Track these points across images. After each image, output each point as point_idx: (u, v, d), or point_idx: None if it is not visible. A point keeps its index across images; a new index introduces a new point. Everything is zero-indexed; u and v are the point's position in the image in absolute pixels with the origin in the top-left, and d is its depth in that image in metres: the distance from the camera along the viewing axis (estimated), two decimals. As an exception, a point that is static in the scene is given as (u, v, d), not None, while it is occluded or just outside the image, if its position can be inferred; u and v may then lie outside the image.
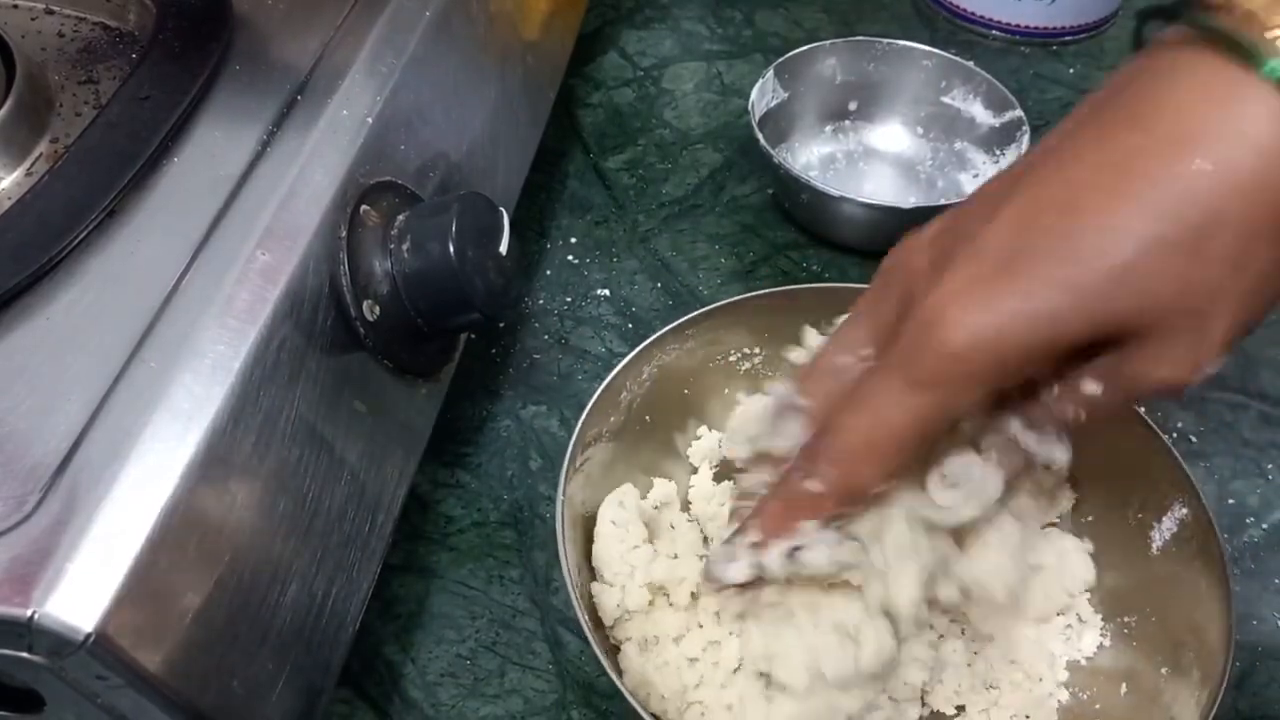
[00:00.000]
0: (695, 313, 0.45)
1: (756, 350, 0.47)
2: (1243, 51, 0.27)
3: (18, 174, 0.40)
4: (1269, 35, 0.26)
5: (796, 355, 0.38)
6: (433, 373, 0.44)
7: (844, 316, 0.35)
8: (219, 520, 0.31)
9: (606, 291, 0.58)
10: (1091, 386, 0.30)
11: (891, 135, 0.66)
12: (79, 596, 0.27)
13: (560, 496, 0.40)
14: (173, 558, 0.29)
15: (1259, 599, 0.47)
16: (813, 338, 0.38)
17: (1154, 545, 0.42)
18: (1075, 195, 0.28)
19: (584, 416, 0.42)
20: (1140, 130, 0.28)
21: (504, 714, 0.43)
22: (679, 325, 0.45)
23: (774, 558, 0.34)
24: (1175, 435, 0.52)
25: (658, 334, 0.45)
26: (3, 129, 0.40)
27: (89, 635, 0.27)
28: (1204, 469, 0.51)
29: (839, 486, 0.32)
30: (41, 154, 0.41)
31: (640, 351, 0.44)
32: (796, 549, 0.34)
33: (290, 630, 0.34)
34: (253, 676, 0.33)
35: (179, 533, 0.30)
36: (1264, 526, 0.49)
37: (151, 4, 0.44)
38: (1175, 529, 0.41)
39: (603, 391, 0.43)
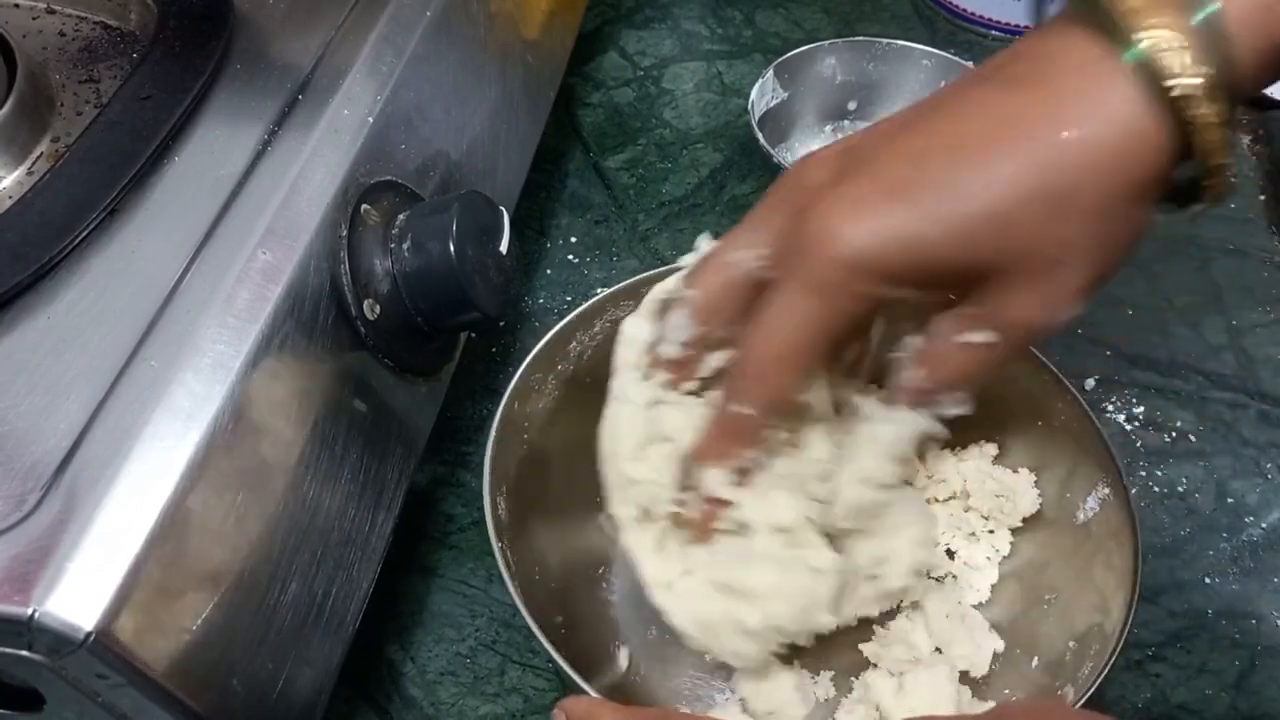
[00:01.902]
0: (652, 271, 0.46)
1: None
2: (1112, 37, 0.29)
3: (19, 173, 0.40)
4: (1134, 26, 0.29)
5: (688, 258, 0.38)
6: (433, 372, 0.44)
7: None
8: (219, 519, 0.31)
9: (606, 291, 0.58)
10: (978, 333, 0.32)
11: (891, 135, 0.66)
12: (79, 595, 0.27)
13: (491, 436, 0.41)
14: (173, 556, 0.30)
15: (1259, 598, 0.47)
16: (707, 243, 0.38)
17: (1076, 524, 0.42)
18: (964, 139, 0.30)
19: (529, 358, 0.43)
20: (1026, 94, 0.30)
21: (504, 712, 0.43)
22: (634, 283, 0.46)
23: (717, 481, 0.36)
24: (1174, 434, 0.52)
25: (612, 289, 0.46)
26: (4, 128, 0.40)
27: (89, 634, 0.27)
28: (1204, 468, 0.51)
29: (763, 402, 0.34)
30: (43, 153, 0.41)
31: (593, 304, 0.45)
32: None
33: (290, 629, 0.34)
34: (253, 675, 0.33)
35: (179, 531, 0.30)
36: (1263, 526, 0.49)
37: (152, 3, 0.44)
38: (1097, 508, 0.41)
39: (551, 338, 0.44)
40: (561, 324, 0.45)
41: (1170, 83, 0.28)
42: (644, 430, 0.38)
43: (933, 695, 0.39)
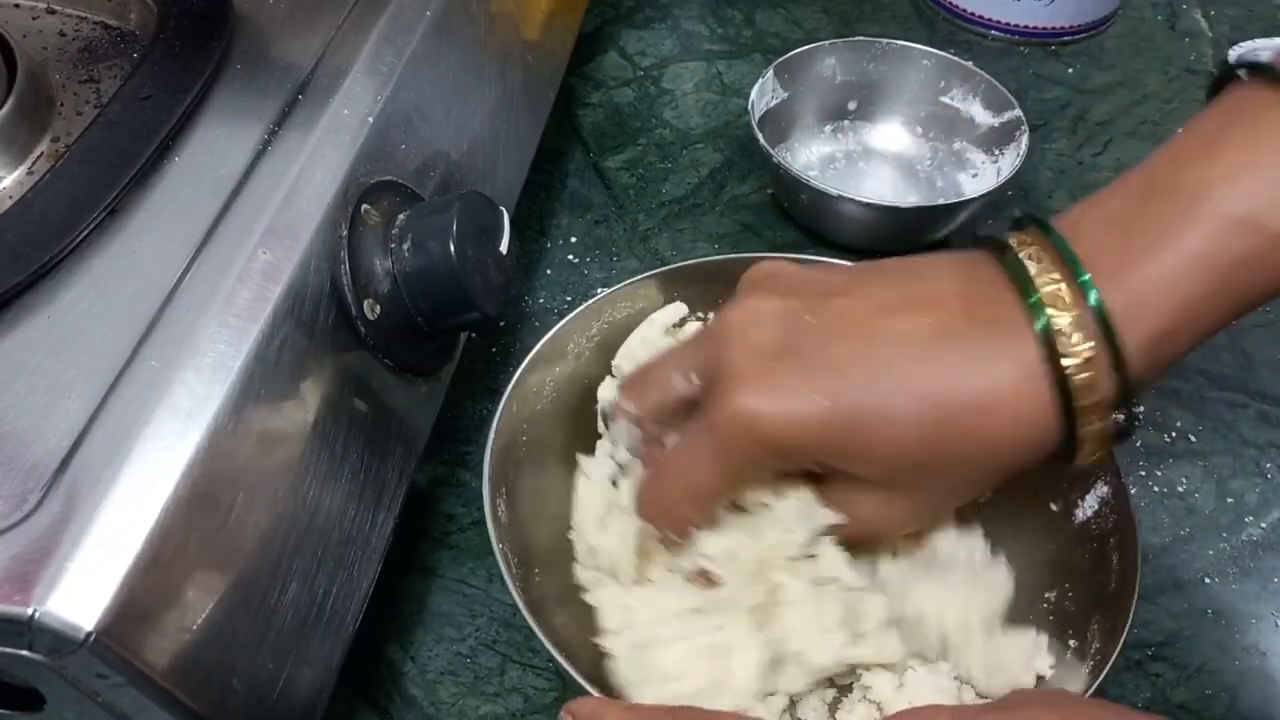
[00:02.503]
0: (651, 272, 0.47)
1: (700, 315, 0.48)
2: (1024, 293, 0.33)
3: (19, 173, 0.40)
4: (1040, 303, 0.33)
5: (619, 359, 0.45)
6: (433, 371, 0.44)
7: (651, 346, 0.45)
8: (220, 519, 0.31)
9: (606, 290, 0.58)
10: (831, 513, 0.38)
11: (891, 135, 0.66)
12: (80, 595, 0.27)
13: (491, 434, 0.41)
14: (174, 556, 0.30)
15: (1258, 598, 0.47)
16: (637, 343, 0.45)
17: (1074, 522, 0.42)
18: (890, 367, 0.34)
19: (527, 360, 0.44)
20: (950, 341, 0.34)
21: (504, 712, 0.43)
22: (633, 283, 0.47)
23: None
24: (1174, 434, 0.52)
25: (611, 290, 0.47)
26: (4, 128, 0.40)
27: (90, 634, 0.27)
28: (1203, 468, 0.51)
29: (670, 527, 0.38)
30: (43, 153, 0.41)
31: (592, 305, 0.46)
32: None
33: (291, 629, 0.34)
34: (253, 675, 0.33)
35: (180, 531, 0.30)
36: (1263, 525, 0.49)
37: (152, 3, 0.44)
38: (1096, 506, 0.41)
39: (549, 340, 0.45)
40: (559, 325, 0.45)
41: (1065, 362, 0.32)
42: (604, 503, 0.42)
43: (934, 694, 0.39)
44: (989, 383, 0.33)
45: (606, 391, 0.43)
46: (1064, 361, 0.32)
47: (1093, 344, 0.32)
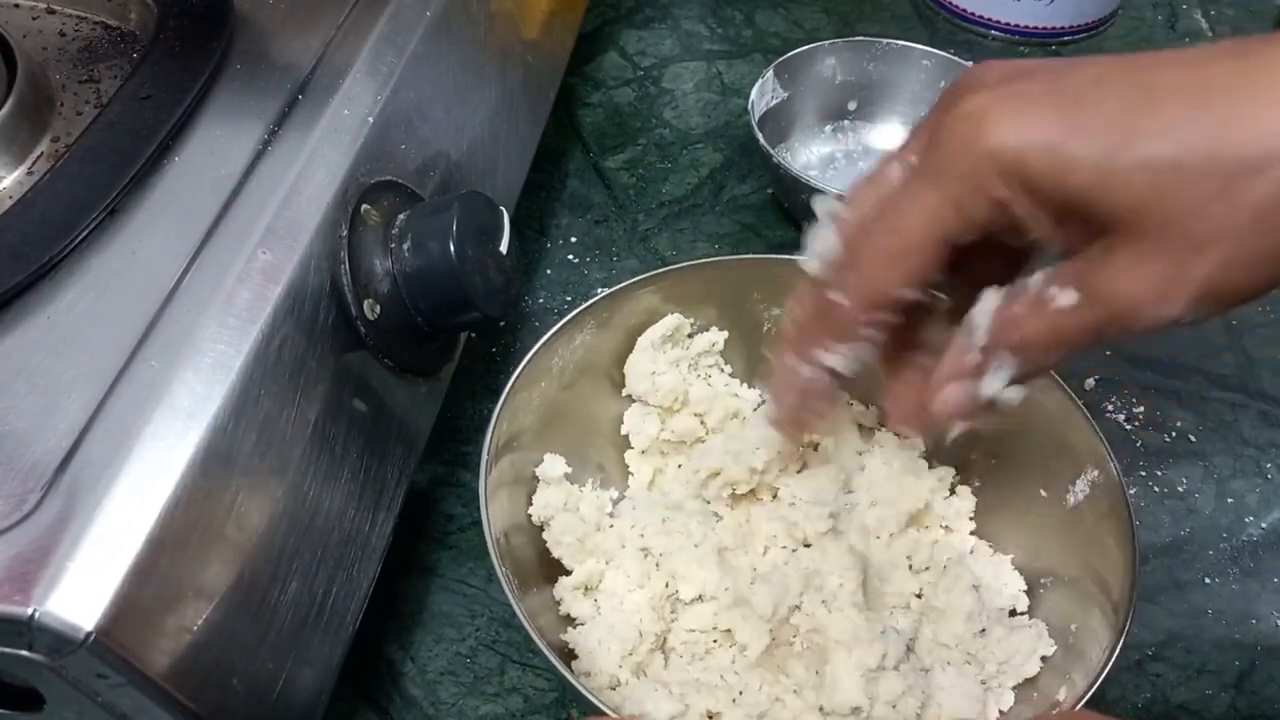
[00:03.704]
0: (646, 274, 0.46)
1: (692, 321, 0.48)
2: None
3: (19, 173, 0.40)
4: None
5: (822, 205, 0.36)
6: (433, 372, 0.44)
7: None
8: (220, 519, 0.31)
9: (606, 290, 0.58)
10: (1063, 292, 0.30)
11: (891, 135, 0.66)
12: (80, 595, 0.27)
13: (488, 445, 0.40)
14: (173, 556, 0.30)
15: (1259, 598, 0.47)
16: (822, 205, 0.36)
17: (1067, 507, 0.42)
18: (1158, 86, 0.28)
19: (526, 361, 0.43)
20: (1236, 65, 0.27)
21: (504, 712, 0.43)
22: (632, 284, 0.46)
23: (809, 371, 0.35)
24: (1174, 434, 0.52)
25: (610, 291, 0.46)
26: (4, 128, 0.40)
27: (89, 634, 0.27)
28: (1203, 468, 0.51)
29: (860, 293, 0.32)
30: (43, 153, 0.41)
31: (591, 307, 0.45)
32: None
33: (291, 628, 0.34)
34: (253, 675, 0.33)
35: (180, 531, 0.30)
36: (1263, 525, 0.49)
37: (153, 3, 0.44)
38: (1088, 491, 0.41)
39: (541, 347, 0.44)
40: (556, 329, 0.44)
41: None
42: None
43: (963, 699, 0.39)
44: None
45: (824, 205, 0.35)
46: None
47: None
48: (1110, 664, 0.36)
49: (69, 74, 0.44)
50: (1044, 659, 0.40)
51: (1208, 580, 0.47)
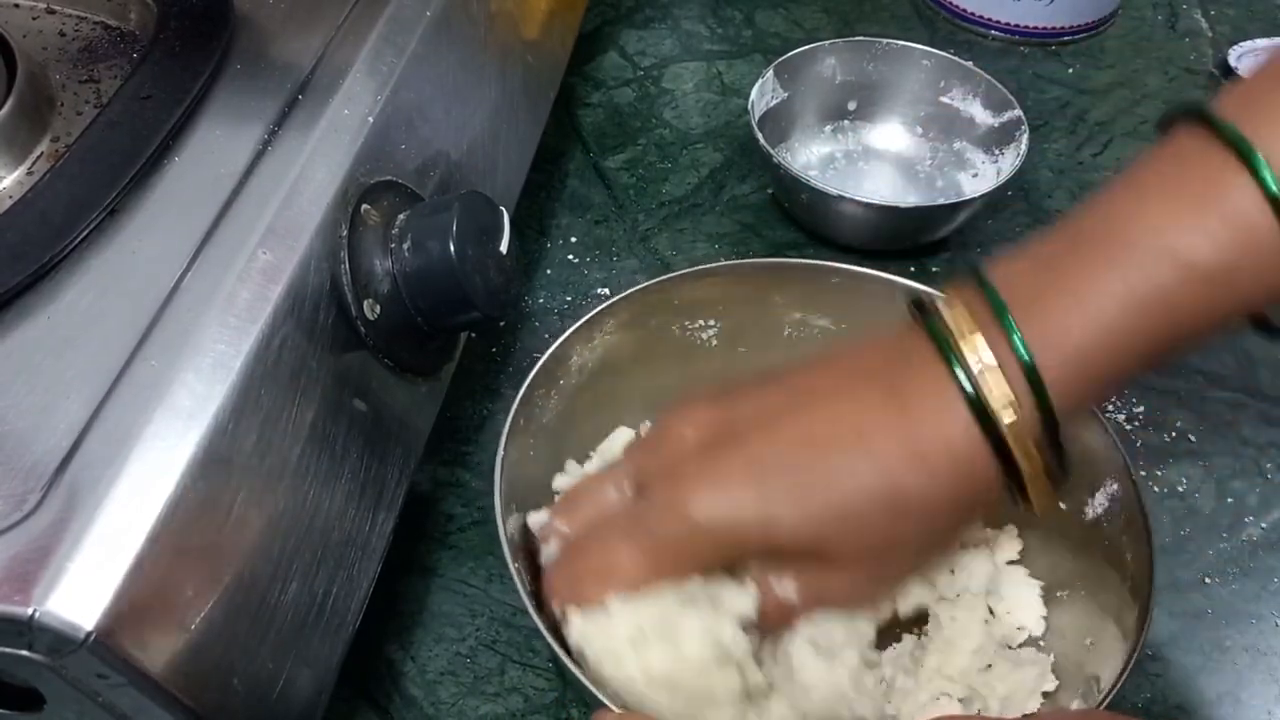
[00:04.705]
0: (660, 279, 0.46)
1: (713, 322, 0.48)
2: (948, 362, 0.33)
3: (19, 173, 0.40)
4: (966, 354, 0.33)
5: (560, 481, 0.43)
6: (433, 371, 0.44)
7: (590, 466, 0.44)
8: (220, 519, 0.31)
9: (606, 290, 0.58)
10: (788, 587, 0.36)
11: (891, 135, 0.66)
12: (80, 595, 0.27)
13: (500, 454, 0.40)
14: (173, 556, 0.30)
15: (1258, 598, 0.47)
16: (574, 468, 0.44)
17: (1086, 520, 0.42)
18: (823, 439, 0.34)
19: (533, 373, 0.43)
20: (882, 407, 0.34)
21: (504, 712, 0.43)
22: (638, 290, 0.46)
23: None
24: (1174, 434, 0.52)
25: (616, 299, 0.45)
26: (4, 128, 0.40)
27: (89, 634, 0.27)
28: (1203, 468, 0.51)
29: (566, 597, 0.36)
30: (43, 153, 0.41)
31: (594, 314, 0.45)
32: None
33: (291, 628, 0.34)
34: (253, 675, 0.33)
35: (180, 531, 0.30)
36: (1263, 526, 0.49)
37: (153, 3, 0.44)
38: (1106, 504, 0.41)
39: (552, 354, 0.44)
40: (565, 336, 0.44)
41: (995, 418, 0.32)
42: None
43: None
44: (926, 447, 0.33)
45: (537, 517, 0.40)
46: (994, 411, 0.32)
47: (1015, 398, 0.32)
48: (1127, 673, 0.36)
49: (69, 74, 0.44)
50: (1045, 695, 0.40)
51: (1208, 580, 0.47)
